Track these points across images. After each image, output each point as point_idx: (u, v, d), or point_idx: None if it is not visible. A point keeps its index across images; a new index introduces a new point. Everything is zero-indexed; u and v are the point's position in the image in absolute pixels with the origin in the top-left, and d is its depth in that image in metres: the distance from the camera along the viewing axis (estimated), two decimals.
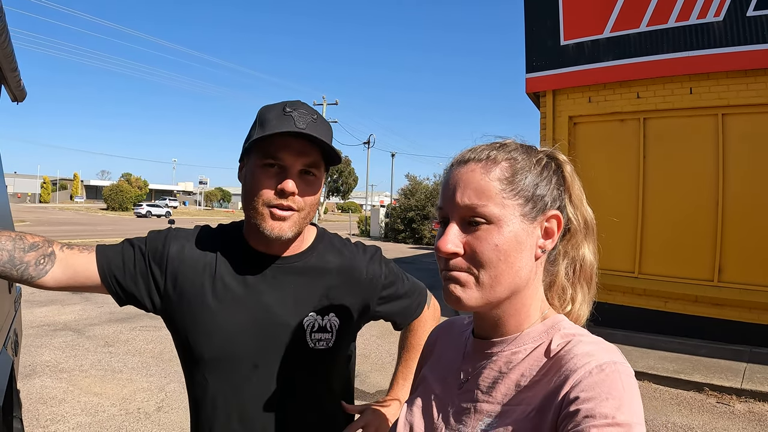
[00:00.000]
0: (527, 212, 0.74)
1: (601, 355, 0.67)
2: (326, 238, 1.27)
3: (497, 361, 0.77)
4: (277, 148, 1.07)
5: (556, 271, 0.81)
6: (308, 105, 1.13)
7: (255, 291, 1.15)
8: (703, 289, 6.71)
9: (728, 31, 6.40)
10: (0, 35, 2.00)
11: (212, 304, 1.13)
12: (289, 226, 1.10)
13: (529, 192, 0.74)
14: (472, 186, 0.74)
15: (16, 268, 1.03)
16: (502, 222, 0.72)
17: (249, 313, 1.13)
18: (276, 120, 1.07)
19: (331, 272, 1.21)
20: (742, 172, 6.59)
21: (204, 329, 1.13)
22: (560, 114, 7.95)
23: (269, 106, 1.13)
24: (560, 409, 0.64)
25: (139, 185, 60.09)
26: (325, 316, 1.17)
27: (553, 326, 0.76)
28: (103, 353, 5.86)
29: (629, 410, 0.60)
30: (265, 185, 1.08)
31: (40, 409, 4.19)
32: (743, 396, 4.94)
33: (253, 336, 1.13)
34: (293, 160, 1.08)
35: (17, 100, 3.05)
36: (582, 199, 0.82)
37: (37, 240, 1.08)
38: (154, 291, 1.16)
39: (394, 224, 26.98)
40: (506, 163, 0.75)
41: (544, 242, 0.76)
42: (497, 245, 0.72)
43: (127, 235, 8.31)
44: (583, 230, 0.81)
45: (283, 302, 1.15)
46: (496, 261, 0.72)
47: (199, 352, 1.13)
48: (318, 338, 1.16)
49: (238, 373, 1.13)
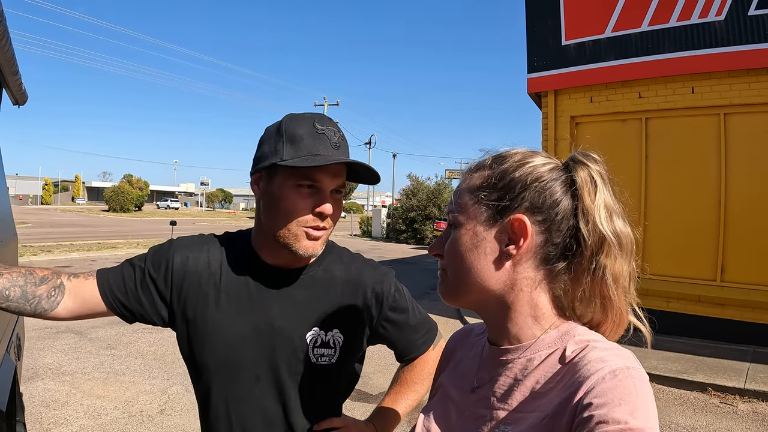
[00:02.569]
0: (486, 218, 0.78)
1: (615, 361, 0.67)
2: (335, 251, 1.25)
3: (513, 368, 0.77)
4: (317, 171, 1.07)
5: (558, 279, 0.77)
6: (331, 118, 1.14)
7: (259, 303, 1.14)
8: (705, 289, 6.70)
9: (730, 30, 6.39)
10: (0, 39, 2.00)
11: (216, 314, 1.13)
12: (321, 244, 1.12)
13: (491, 200, 0.78)
14: (454, 195, 0.84)
15: (30, 303, 1.06)
16: (464, 227, 0.79)
17: (252, 324, 1.13)
18: (310, 139, 1.08)
19: (336, 286, 1.19)
20: (744, 172, 6.58)
21: (208, 339, 1.13)
22: (562, 114, 7.95)
23: (295, 118, 1.12)
24: (574, 416, 0.64)
25: (140, 186, 60.15)
26: (328, 332, 1.16)
27: (567, 332, 0.76)
28: (105, 356, 5.86)
29: (643, 415, 0.60)
30: (303, 206, 1.08)
31: (42, 413, 4.19)
32: (746, 396, 4.92)
33: (255, 347, 1.13)
34: (329, 182, 1.09)
35: (18, 103, 3.05)
36: (596, 211, 0.75)
37: (46, 273, 1.10)
38: (160, 305, 1.17)
39: (395, 224, 26.95)
40: (479, 174, 0.81)
41: (508, 247, 0.76)
42: (455, 247, 0.80)
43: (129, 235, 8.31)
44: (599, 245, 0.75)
45: (287, 315, 1.14)
46: (454, 260, 0.80)
47: (203, 361, 1.14)
48: (321, 353, 1.15)
49: (241, 383, 1.13)
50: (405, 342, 1.27)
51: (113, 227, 29.32)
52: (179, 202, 74.77)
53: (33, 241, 18.02)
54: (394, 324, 1.24)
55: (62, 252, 15.18)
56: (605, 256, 0.75)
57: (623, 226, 0.78)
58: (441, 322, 7.48)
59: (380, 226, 29.34)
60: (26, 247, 15.49)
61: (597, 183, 0.78)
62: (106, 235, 22.57)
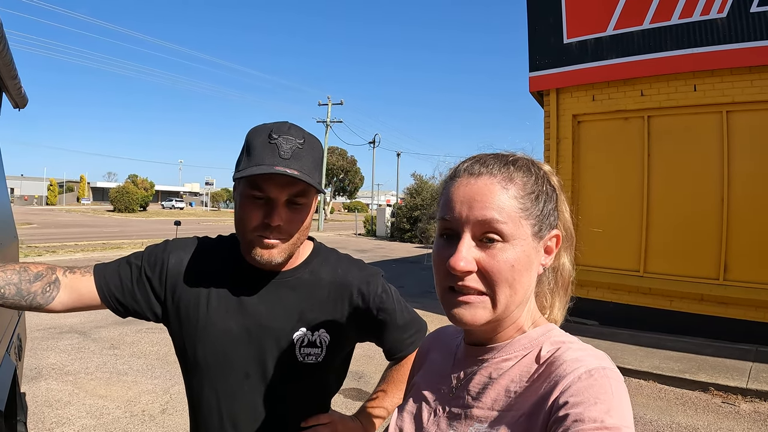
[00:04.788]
0: (536, 232, 0.74)
1: (591, 361, 0.68)
2: (322, 254, 1.28)
3: (488, 368, 0.78)
4: (263, 180, 1.08)
5: (541, 280, 0.83)
6: (297, 127, 1.14)
7: (249, 304, 1.18)
8: (708, 288, 6.68)
9: (732, 27, 6.36)
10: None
11: (208, 314, 1.17)
12: (277, 252, 1.13)
13: (540, 212, 0.75)
14: (492, 201, 0.72)
15: (25, 299, 1.10)
16: (516, 241, 0.71)
17: (242, 324, 1.17)
18: (260, 148, 1.08)
19: (323, 287, 1.22)
20: (747, 169, 6.55)
21: (199, 337, 1.17)
22: (564, 112, 7.93)
23: (257, 129, 1.14)
24: (550, 414, 0.65)
25: (145, 186, 60.31)
26: (315, 332, 1.19)
27: (543, 334, 0.77)
28: (108, 356, 5.89)
29: (618, 414, 0.61)
30: (253, 216, 1.10)
31: (45, 412, 4.22)
32: (749, 396, 4.91)
33: (244, 346, 1.17)
34: (278, 192, 1.09)
35: (19, 106, 3.07)
36: (565, 210, 0.82)
37: (40, 269, 1.14)
38: (154, 302, 1.21)
39: (400, 223, 26.96)
40: (521, 181, 0.74)
41: (545, 260, 0.78)
42: (513, 265, 0.71)
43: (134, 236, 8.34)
44: (565, 241, 0.82)
45: (275, 316, 1.18)
46: (511, 280, 0.71)
47: (195, 358, 1.18)
48: (307, 353, 1.18)
49: (231, 380, 1.17)
50: (392, 341, 1.29)
51: (118, 227, 29.42)
52: (184, 202, 74.95)
53: (38, 241, 18.11)
54: (381, 324, 1.26)
55: (67, 252, 15.24)
56: (564, 248, 0.83)
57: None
58: (445, 322, 7.35)
59: (384, 225, 29.34)
60: (31, 247, 15.56)
61: (560, 187, 0.84)
62: (111, 236, 22.66)
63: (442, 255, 0.74)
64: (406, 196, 27.77)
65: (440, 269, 0.75)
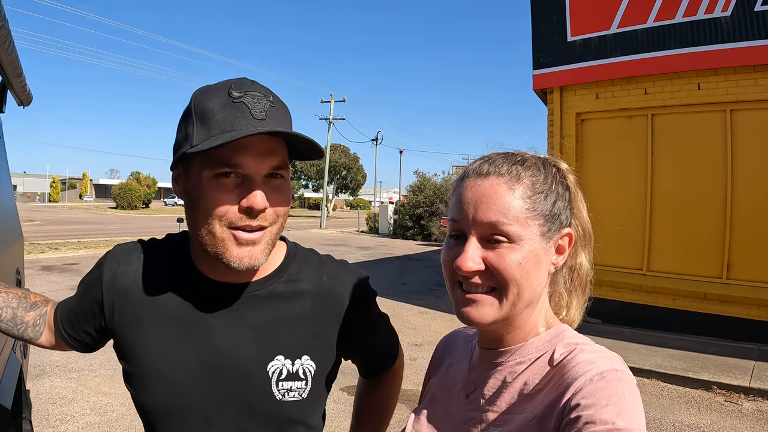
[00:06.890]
0: (545, 231, 0.75)
1: (603, 363, 0.68)
2: (299, 257, 1.01)
3: (502, 371, 0.78)
4: (234, 151, 0.81)
5: (556, 279, 0.83)
6: (258, 82, 0.88)
7: (205, 328, 0.91)
8: (711, 287, 6.67)
9: (736, 26, 6.34)
10: (3, 42, 2.02)
11: (151, 345, 0.92)
12: (261, 250, 0.87)
13: (548, 212, 0.75)
14: (497, 203, 0.72)
15: (17, 328, 1.02)
16: (524, 241, 0.72)
17: (197, 356, 0.91)
18: (223, 112, 0.82)
19: (305, 301, 0.96)
20: (750, 168, 6.53)
21: (143, 376, 0.92)
22: (567, 111, 7.92)
23: (206, 90, 0.87)
24: (562, 417, 0.65)
25: (147, 183, 60.37)
26: (296, 360, 0.93)
27: (556, 336, 0.77)
28: (111, 353, 5.83)
29: (629, 416, 0.61)
30: (224, 202, 0.83)
31: (49, 409, 4.24)
32: (751, 395, 4.90)
33: (202, 385, 0.91)
34: (257, 164, 0.83)
35: (23, 104, 3.07)
36: (582, 208, 0.82)
37: (38, 300, 1.06)
38: (104, 335, 1.02)
39: (402, 221, 26.95)
40: (529, 181, 0.75)
41: (557, 259, 0.78)
42: (521, 264, 0.72)
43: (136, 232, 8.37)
44: (582, 239, 0.82)
45: (241, 343, 0.91)
46: (519, 279, 0.72)
47: (142, 402, 0.93)
48: (288, 388, 0.92)
49: (188, 429, 0.92)
50: (375, 361, 1.14)
51: (121, 224, 29.48)
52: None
53: (41, 238, 18.15)
54: (369, 345, 1.08)
55: (70, 249, 15.28)
56: (582, 246, 0.83)
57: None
58: (448, 319, 7.50)
59: (387, 222, 29.34)
60: (34, 244, 15.62)
61: (577, 185, 0.83)
62: (114, 233, 22.70)
63: (451, 255, 0.76)
64: (408, 194, 27.76)
65: (448, 268, 0.76)
